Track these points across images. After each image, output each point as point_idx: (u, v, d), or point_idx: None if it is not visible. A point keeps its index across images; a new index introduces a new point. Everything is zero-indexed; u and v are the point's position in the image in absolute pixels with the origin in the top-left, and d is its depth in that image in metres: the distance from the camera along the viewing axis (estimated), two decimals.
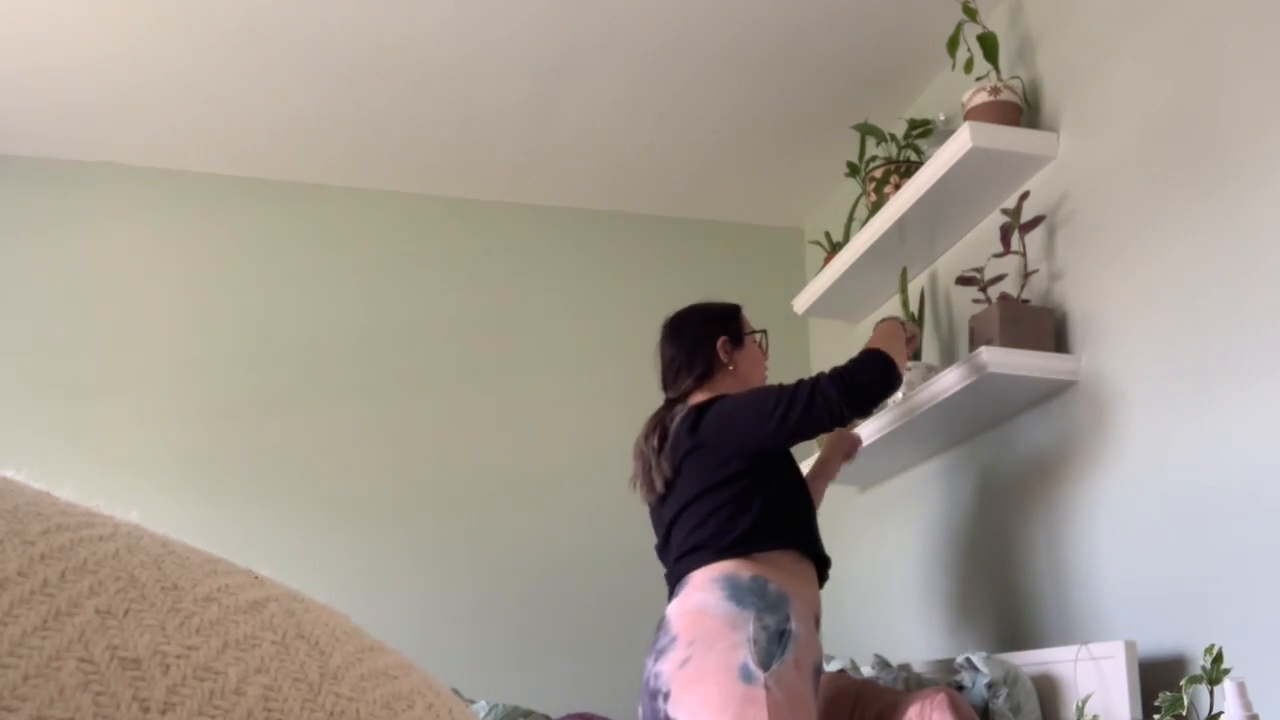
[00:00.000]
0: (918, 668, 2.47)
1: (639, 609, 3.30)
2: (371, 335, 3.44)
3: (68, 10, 2.68)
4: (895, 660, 2.86)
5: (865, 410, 2.07)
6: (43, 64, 2.89)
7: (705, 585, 1.96)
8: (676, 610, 1.98)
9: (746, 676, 1.83)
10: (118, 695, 0.27)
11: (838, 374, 2.04)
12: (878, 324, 2.25)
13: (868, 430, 2.69)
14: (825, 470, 2.48)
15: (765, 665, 1.84)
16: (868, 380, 2.05)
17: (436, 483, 3.36)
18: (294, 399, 3.33)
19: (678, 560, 2.07)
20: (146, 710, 0.27)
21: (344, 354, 3.40)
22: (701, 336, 2.23)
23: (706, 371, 2.20)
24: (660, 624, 2.02)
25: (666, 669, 1.91)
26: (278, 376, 3.34)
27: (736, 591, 1.93)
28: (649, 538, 2.31)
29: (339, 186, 3.53)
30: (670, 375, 2.24)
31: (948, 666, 2.34)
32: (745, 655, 1.85)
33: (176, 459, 3.21)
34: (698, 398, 2.17)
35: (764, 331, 2.35)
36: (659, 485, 2.12)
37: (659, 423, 2.17)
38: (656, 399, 2.28)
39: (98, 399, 3.20)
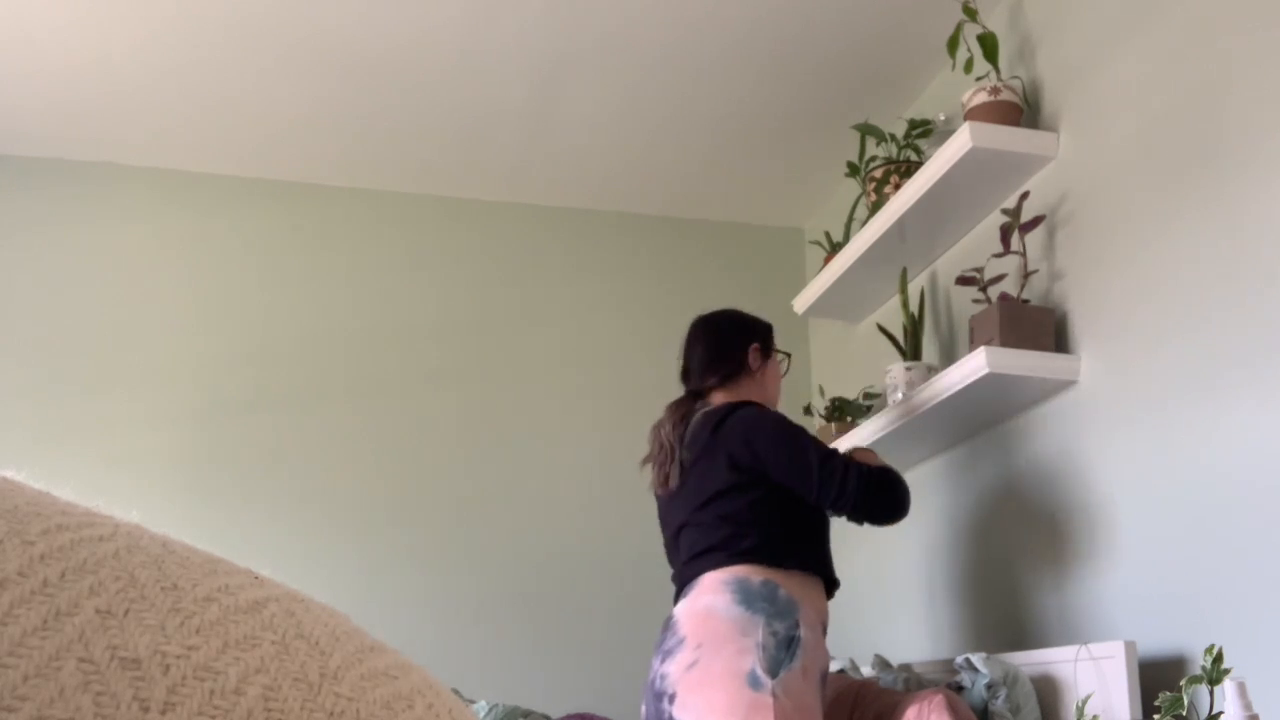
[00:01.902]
0: (918, 668, 2.47)
1: (640, 609, 3.31)
2: (371, 335, 3.44)
3: (68, 10, 2.68)
4: (895, 660, 2.87)
5: (867, 516, 2.09)
6: (43, 64, 2.89)
7: (716, 588, 1.96)
8: (685, 611, 1.98)
9: (754, 683, 1.82)
10: (118, 695, 0.27)
11: (870, 473, 2.06)
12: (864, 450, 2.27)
13: (868, 430, 2.69)
14: None
15: (773, 672, 1.84)
16: (889, 499, 2.09)
17: (437, 482, 3.36)
18: (294, 399, 3.33)
19: (687, 562, 2.06)
20: (146, 710, 0.27)
21: (343, 353, 3.40)
22: (736, 338, 2.24)
23: (732, 373, 2.21)
24: (667, 624, 2.02)
25: (673, 670, 1.91)
26: (278, 376, 3.34)
27: (747, 595, 1.93)
28: (650, 537, 2.31)
29: (339, 186, 3.53)
30: (696, 369, 2.24)
31: (948, 667, 2.34)
32: (753, 661, 1.84)
33: (176, 459, 3.21)
34: (720, 397, 2.18)
35: (788, 355, 2.38)
36: (674, 479, 2.12)
37: (683, 414, 2.17)
38: (657, 397, 2.27)
39: (98, 399, 3.20)
